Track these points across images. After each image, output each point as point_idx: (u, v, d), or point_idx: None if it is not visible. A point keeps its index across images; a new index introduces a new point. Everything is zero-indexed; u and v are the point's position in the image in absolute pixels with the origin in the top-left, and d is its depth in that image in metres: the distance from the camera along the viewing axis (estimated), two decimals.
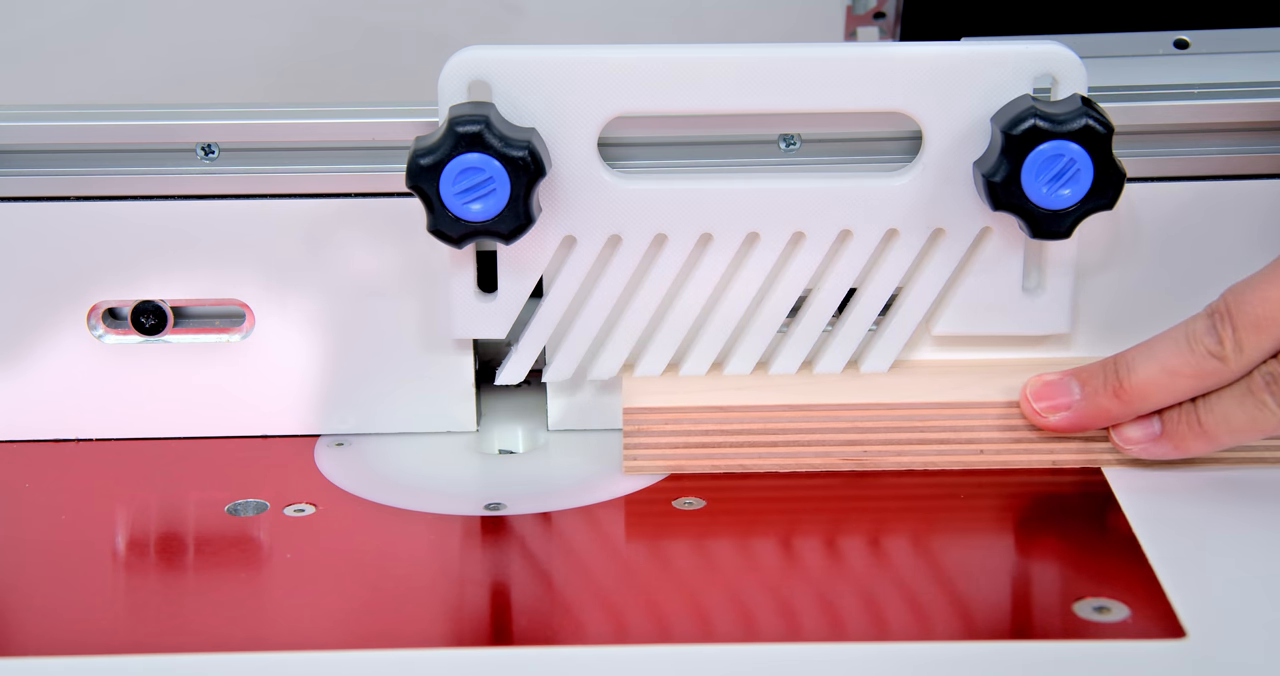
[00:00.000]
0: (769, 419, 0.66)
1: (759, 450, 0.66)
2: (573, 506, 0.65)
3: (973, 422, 0.66)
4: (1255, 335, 0.61)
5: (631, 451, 0.66)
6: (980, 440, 0.66)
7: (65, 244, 0.68)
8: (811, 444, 0.66)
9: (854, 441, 0.66)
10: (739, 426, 0.66)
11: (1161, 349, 0.63)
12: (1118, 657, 0.54)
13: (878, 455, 0.66)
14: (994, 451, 0.66)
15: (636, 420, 0.66)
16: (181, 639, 0.56)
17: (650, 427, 0.66)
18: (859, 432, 0.66)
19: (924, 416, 0.66)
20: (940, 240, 0.67)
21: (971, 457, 0.66)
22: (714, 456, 0.66)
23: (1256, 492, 0.64)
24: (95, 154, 0.67)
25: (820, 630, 0.56)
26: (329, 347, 0.69)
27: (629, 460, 0.66)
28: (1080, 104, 0.63)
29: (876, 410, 0.66)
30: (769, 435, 0.66)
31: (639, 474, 0.66)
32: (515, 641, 0.57)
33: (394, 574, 0.60)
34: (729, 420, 0.66)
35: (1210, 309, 0.62)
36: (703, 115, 0.66)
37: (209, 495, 0.66)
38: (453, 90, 0.64)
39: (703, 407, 0.66)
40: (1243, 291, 0.61)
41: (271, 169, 0.67)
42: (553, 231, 0.66)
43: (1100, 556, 0.60)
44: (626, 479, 0.66)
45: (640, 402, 0.66)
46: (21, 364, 0.69)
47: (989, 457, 0.66)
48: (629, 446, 0.66)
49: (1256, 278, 0.61)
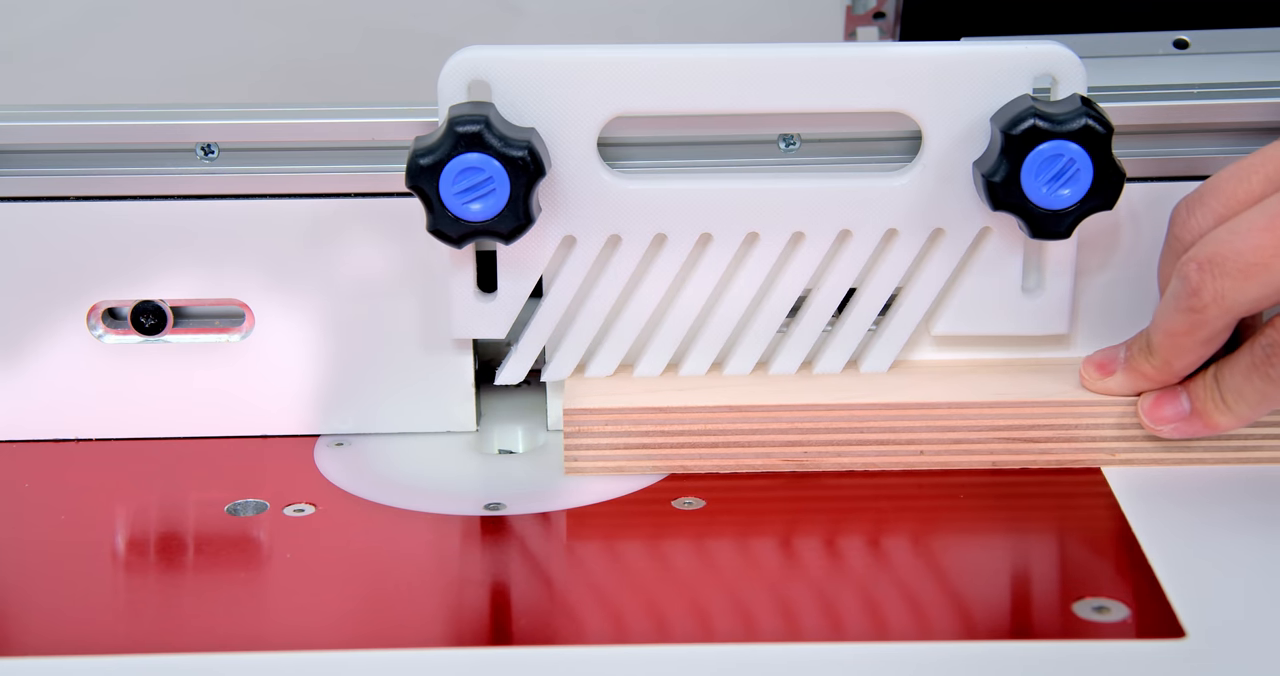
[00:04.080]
0: (709, 420, 0.66)
1: (700, 451, 0.66)
2: (573, 506, 0.65)
3: (913, 423, 0.66)
4: (1238, 281, 0.60)
5: (572, 452, 0.66)
6: (920, 441, 0.66)
7: (65, 244, 0.68)
8: (752, 445, 0.66)
9: (795, 442, 0.66)
10: (679, 427, 0.66)
11: (1159, 308, 0.63)
12: (1117, 657, 0.54)
13: (818, 456, 0.66)
14: (934, 452, 0.66)
15: (577, 421, 0.66)
16: (181, 639, 0.56)
17: (591, 429, 0.66)
18: (799, 433, 0.66)
19: (863, 417, 0.66)
20: (940, 240, 0.67)
21: (911, 459, 0.66)
22: (654, 458, 0.66)
23: (1256, 492, 0.64)
24: (95, 154, 0.67)
25: (820, 630, 0.56)
26: (329, 348, 0.69)
27: (569, 461, 0.66)
28: (1080, 104, 0.63)
29: (816, 411, 0.66)
30: (710, 436, 0.66)
31: (580, 475, 0.66)
32: (515, 641, 0.57)
33: (394, 574, 0.60)
34: (669, 421, 0.66)
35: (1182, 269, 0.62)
36: (702, 115, 0.66)
37: (209, 495, 0.66)
38: (452, 90, 0.64)
39: (643, 408, 0.66)
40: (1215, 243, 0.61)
41: (271, 169, 0.67)
42: (552, 231, 0.67)
43: (1100, 556, 0.60)
44: (626, 479, 0.66)
45: (581, 403, 0.66)
46: (21, 364, 0.69)
47: (929, 459, 0.66)
48: (569, 448, 0.66)
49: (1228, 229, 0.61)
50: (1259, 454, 0.66)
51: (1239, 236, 0.60)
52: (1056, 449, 0.66)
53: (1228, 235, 0.60)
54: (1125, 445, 0.66)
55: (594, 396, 0.67)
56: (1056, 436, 0.66)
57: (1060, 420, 0.66)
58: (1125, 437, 0.66)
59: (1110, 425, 0.66)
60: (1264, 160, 0.61)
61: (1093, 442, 0.66)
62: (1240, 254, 0.59)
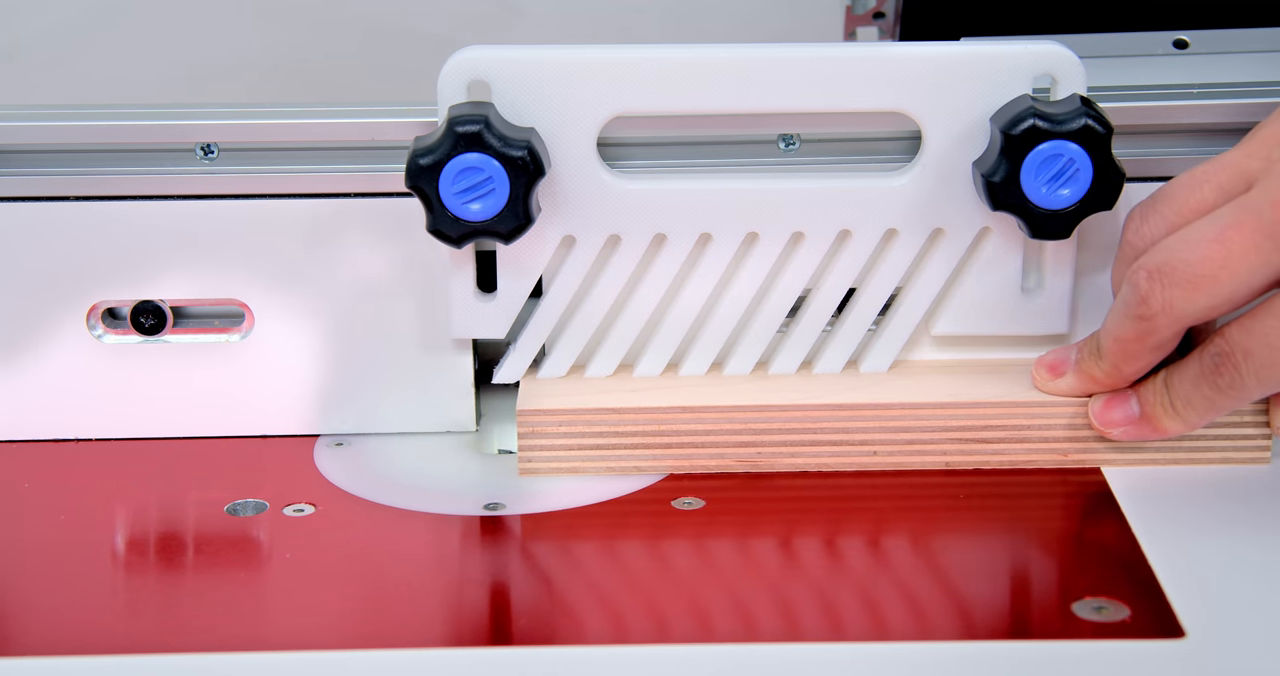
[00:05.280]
0: (663, 421, 0.66)
1: (654, 452, 0.66)
2: (572, 506, 0.65)
3: (866, 424, 0.66)
4: (1186, 291, 0.60)
5: (527, 454, 0.66)
6: (874, 442, 0.66)
7: (65, 244, 0.68)
8: (706, 445, 0.66)
9: (748, 443, 0.66)
10: (633, 428, 0.66)
11: (1110, 314, 0.63)
12: (1117, 657, 0.54)
13: (772, 457, 0.66)
14: (887, 453, 0.66)
15: (530, 422, 0.66)
16: (181, 639, 0.56)
17: (545, 430, 0.66)
18: (753, 434, 0.66)
19: (816, 418, 0.66)
20: (939, 240, 0.67)
21: (865, 459, 0.66)
22: (608, 459, 0.66)
23: (1256, 493, 0.64)
24: (95, 154, 0.67)
25: (820, 630, 0.56)
26: (329, 348, 0.69)
27: (524, 463, 0.66)
28: (1079, 104, 0.63)
29: (769, 412, 0.66)
30: (663, 437, 0.66)
31: (534, 476, 0.66)
32: (515, 641, 0.57)
33: (394, 574, 0.60)
34: (623, 422, 0.66)
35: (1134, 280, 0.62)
36: (702, 115, 0.66)
37: (208, 495, 0.66)
38: (452, 90, 0.64)
39: (596, 409, 0.66)
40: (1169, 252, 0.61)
41: (271, 169, 0.67)
42: (552, 231, 0.67)
43: (1100, 556, 0.60)
44: (626, 479, 0.66)
45: (534, 404, 0.66)
46: (21, 364, 0.69)
47: (882, 459, 0.66)
48: (524, 449, 0.66)
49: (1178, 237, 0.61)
50: (1210, 454, 0.66)
51: (1189, 247, 0.60)
52: (1009, 449, 0.66)
53: (1178, 244, 0.60)
54: (1077, 445, 0.66)
55: (548, 397, 0.67)
56: (1009, 437, 0.66)
57: (1012, 421, 0.66)
58: (1077, 438, 0.66)
59: (1062, 426, 0.66)
60: (1217, 168, 0.61)
61: (1045, 443, 0.66)
62: (1189, 264, 0.59)
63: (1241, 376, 0.60)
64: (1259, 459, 0.66)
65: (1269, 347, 0.59)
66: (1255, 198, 0.59)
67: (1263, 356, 0.60)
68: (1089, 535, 0.62)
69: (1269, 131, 0.61)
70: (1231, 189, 0.60)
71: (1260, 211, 0.58)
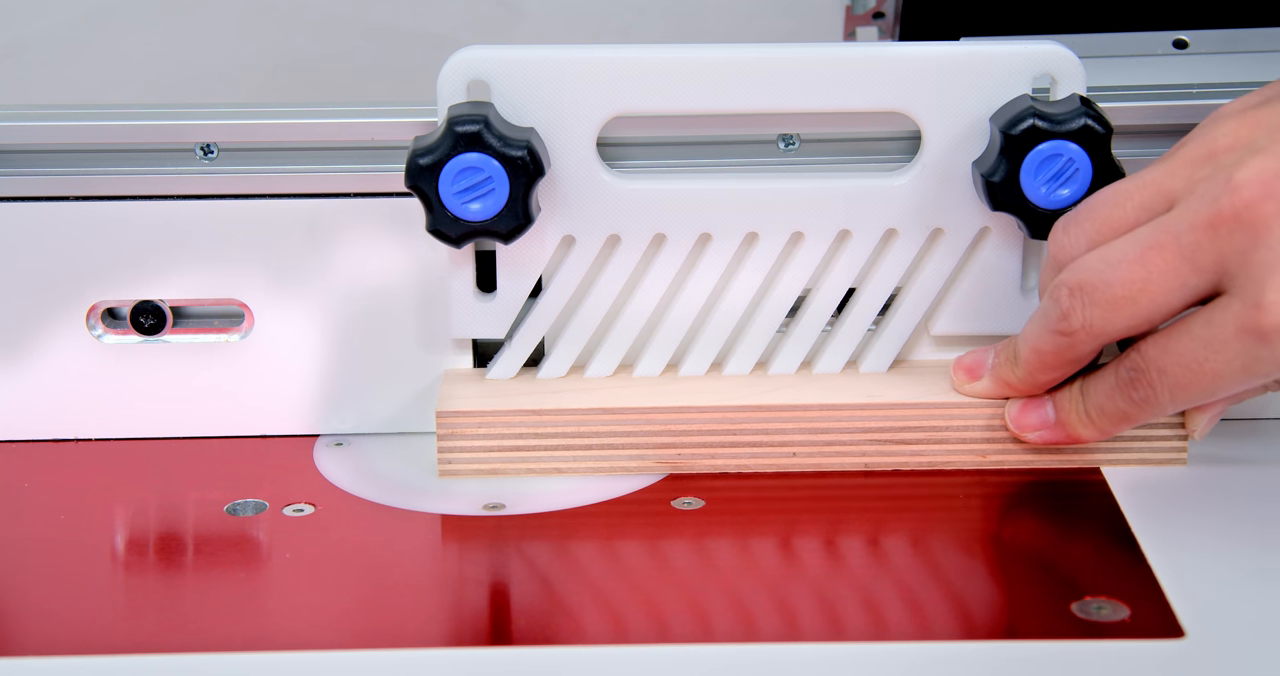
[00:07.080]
0: (581, 422, 0.66)
1: (574, 453, 0.66)
2: (572, 506, 0.65)
3: (784, 426, 0.66)
4: (1106, 311, 0.60)
5: (446, 455, 0.66)
6: (793, 443, 0.66)
7: (65, 244, 0.68)
8: (625, 447, 0.66)
9: (667, 445, 0.66)
10: (552, 430, 0.66)
11: (1029, 323, 0.63)
12: (1117, 657, 0.54)
13: (691, 458, 0.66)
14: (806, 454, 0.66)
15: (449, 424, 0.66)
16: (181, 639, 0.56)
17: (464, 431, 0.66)
18: (672, 436, 0.66)
19: (734, 419, 0.66)
20: (939, 240, 0.67)
21: (784, 460, 0.66)
22: (528, 460, 0.66)
23: (1256, 493, 0.64)
24: (95, 154, 0.67)
25: (819, 630, 0.56)
26: (328, 347, 0.69)
27: (443, 464, 0.66)
28: (1079, 104, 0.64)
29: (687, 413, 0.66)
30: (582, 438, 0.66)
31: (454, 478, 0.66)
32: (514, 641, 0.57)
33: (394, 574, 0.60)
34: (542, 423, 0.66)
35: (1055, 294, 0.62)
36: (702, 115, 0.67)
37: (208, 495, 0.66)
38: (452, 90, 0.65)
39: (514, 411, 0.66)
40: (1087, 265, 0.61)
41: (271, 169, 0.67)
42: (552, 231, 0.67)
43: (1100, 556, 0.60)
44: (625, 479, 0.66)
45: (452, 406, 0.66)
46: (21, 364, 0.69)
47: (801, 460, 0.66)
48: (443, 450, 0.66)
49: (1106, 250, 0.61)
50: (1127, 455, 0.66)
51: (1110, 267, 0.60)
52: (928, 450, 0.66)
53: (1100, 264, 0.60)
54: (995, 446, 0.66)
55: (466, 399, 0.67)
56: (927, 438, 0.66)
57: (930, 422, 0.66)
58: (995, 440, 0.66)
59: (980, 427, 0.66)
60: (1140, 186, 0.61)
61: (963, 445, 0.66)
62: (1110, 285, 0.59)
63: (1156, 394, 0.61)
64: (1176, 460, 0.66)
65: (1183, 367, 0.59)
66: (1175, 219, 0.59)
67: (1177, 375, 0.60)
68: (1089, 535, 0.62)
69: (1190, 150, 0.60)
70: (1153, 207, 0.60)
71: (1180, 234, 0.58)
